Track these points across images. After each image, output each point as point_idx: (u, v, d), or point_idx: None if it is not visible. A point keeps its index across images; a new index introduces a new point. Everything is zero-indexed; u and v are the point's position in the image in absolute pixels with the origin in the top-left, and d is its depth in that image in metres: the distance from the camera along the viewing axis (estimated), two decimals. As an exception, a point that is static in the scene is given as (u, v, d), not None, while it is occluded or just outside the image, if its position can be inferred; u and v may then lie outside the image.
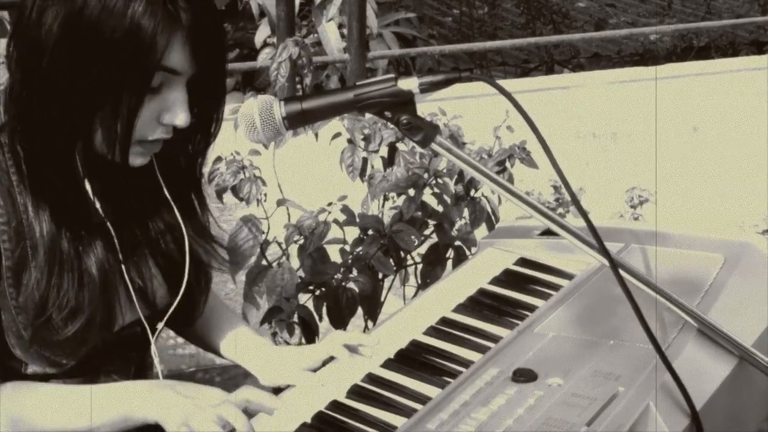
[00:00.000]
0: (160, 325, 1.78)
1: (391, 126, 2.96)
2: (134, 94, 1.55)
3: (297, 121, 1.60)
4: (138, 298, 1.73)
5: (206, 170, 2.10)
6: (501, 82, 1.57)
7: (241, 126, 1.61)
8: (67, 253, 1.62)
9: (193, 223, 1.77)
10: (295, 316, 2.78)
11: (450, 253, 2.95)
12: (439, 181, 2.91)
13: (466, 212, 2.99)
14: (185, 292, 1.75)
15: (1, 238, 1.60)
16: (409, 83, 1.58)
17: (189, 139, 1.70)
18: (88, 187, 1.67)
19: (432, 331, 1.84)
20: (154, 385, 1.65)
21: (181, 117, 1.59)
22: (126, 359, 1.77)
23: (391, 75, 1.59)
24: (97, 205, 1.68)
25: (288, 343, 2.98)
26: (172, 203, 1.72)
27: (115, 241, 1.69)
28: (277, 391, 1.75)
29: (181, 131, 1.63)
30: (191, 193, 1.78)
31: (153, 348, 1.78)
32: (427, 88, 1.58)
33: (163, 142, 1.64)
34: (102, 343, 1.68)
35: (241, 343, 1.92)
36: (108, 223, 1.68)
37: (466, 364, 1.72)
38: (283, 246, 2.83)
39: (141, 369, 1.81)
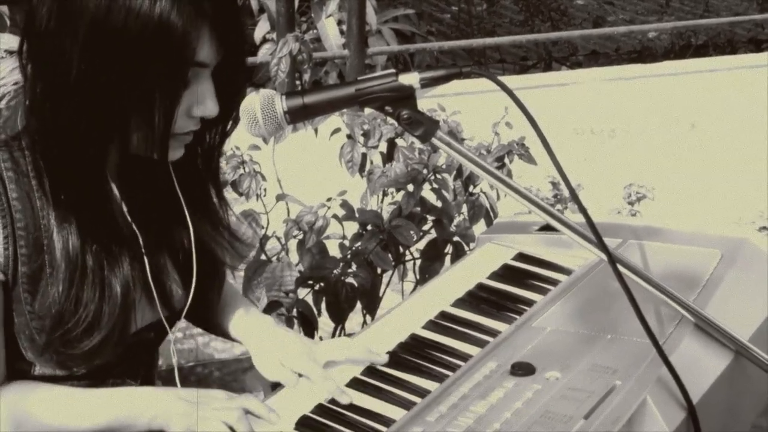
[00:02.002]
0: (176, 325, 1.75)
1: (391, 122, 2.99)
2: (171, 92, 1.52)
3: (298, 116, 1.60)
4: (159, 301, 1.69)
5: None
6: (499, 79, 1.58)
7: (243, 120, 1.61)
8: (91, 267, 1.58)
9: (212, 219, 1.74)
10: (294, 310, 2.79)
11: (449, 248, 2.96)
12: (438, 176, 2.92)
13: (464, 208, 3.01)
14: (200, 290, 1.72)
15: (19, 243, 1.55)
16: (410, 78, 1.58)
17: (205, 133, 1.66)
18: (116, 191, 1.64)
19: (431, 325, 1.85)
20: (159, 391, 1.65)
21: (211, 107, 1.57)
22: (137, 361, 1.74)
23: (392, 70, 1.59)
24: (125, 209, 1.65)
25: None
26: (183, 201, 1.67)
27: (142, 247, 1.65)
28: (276, 383, 1.76)
29: (201, 125, 1.61)
30: (209, 187, 1.73)
31: (172, 347, 1.74)
32: (427, 83, 1.59)
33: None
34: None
35: (244, 324, 1.86)
36: (135, 228, 1.65)
37: (464, 357, 1.73)
38: (283, 241, 2.84)
39: (149, 368, 1.80)
